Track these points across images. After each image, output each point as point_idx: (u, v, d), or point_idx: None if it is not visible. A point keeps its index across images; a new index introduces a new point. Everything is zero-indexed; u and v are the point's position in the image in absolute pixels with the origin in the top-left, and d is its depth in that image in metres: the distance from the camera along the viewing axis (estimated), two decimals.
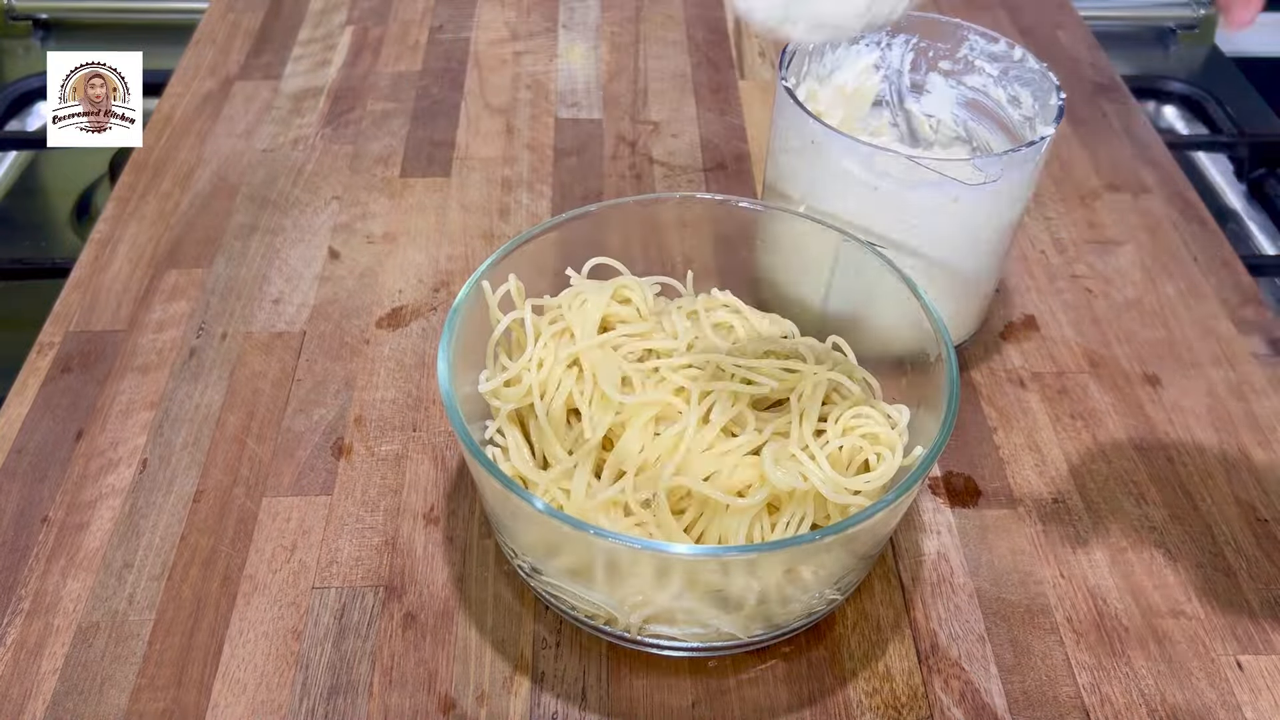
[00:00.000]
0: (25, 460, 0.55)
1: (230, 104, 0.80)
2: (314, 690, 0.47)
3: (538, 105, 0.81)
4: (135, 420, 0.57)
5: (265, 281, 0.66)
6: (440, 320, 0.64)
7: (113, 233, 0.69)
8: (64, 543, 0.52)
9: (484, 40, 0.88)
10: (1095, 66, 0.87)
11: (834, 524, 0.43)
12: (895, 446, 0.48)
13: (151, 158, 0.75)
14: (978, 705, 0.47)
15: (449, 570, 0.51)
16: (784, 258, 0.57)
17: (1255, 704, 0.47)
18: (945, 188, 0.52)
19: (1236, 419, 0.59)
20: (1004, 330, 0.64)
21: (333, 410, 0.58)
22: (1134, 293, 0.67)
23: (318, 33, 0.88)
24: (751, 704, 0.47)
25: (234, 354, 0.61)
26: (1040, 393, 0.60)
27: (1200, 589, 0.51)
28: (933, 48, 0.62)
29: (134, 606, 0.49)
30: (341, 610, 0.49)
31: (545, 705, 0.46)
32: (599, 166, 0.75)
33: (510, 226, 0.70)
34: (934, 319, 0.49)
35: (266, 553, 0.52)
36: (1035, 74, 0.58)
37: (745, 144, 0.78)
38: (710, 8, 0.93)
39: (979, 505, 0.55)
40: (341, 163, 0.75)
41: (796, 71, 0.59)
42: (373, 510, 0.54)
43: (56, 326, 0.62)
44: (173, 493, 0.54)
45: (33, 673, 0.47)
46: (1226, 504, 0.55)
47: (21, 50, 1.00)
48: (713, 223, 0.57)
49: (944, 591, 0.51)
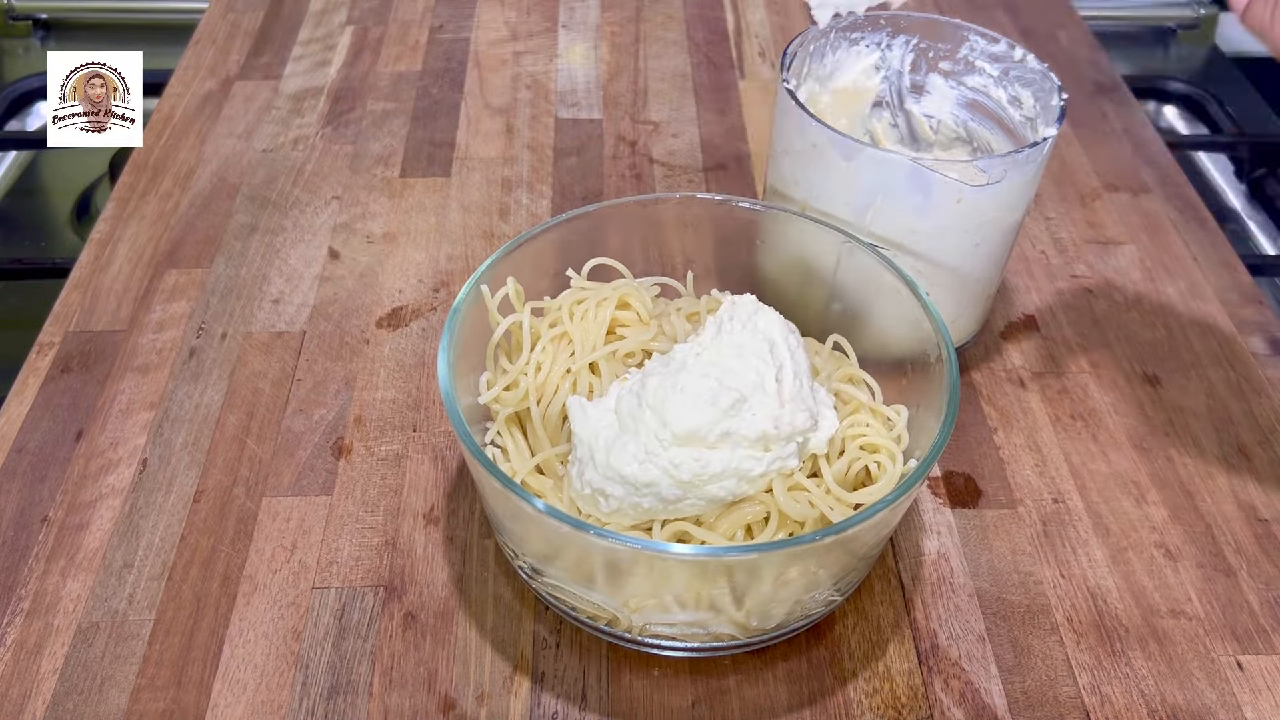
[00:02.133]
0: (25, 460, 0.55)
1: (230, 104, 0.80)
2: (314, 690, 0.47)
3: (538, 105, 0.81)
4: (135, 420, 0.57)
5: (265, 281, 0.66)
6: (440, 320, 0.64)
7: (113, 233, 0.69)
8: (64, 543, 0.52)
9: (484, 40, 0.88)
10: (1095, 66, 0.87)
11: (834, 524, 0.43)
12: (895, 455, 0.48)
13: (151, 158, 0.75)
14: (978, 705, 0.47)
15: (449, 570, 0.51)
16: (784, 258, 0.57)
17: (1255, 704, 0.47)
18: (947, 189, 0.52)
19: (1236, 419, 0.59)
20: (1004, 330, 0.64)
21: (333, 410, 0.58)
22: (1134, 293, 0.67)
23: (318, 33, 0.88)
24: (751, 704, 0.47)
25: (234, 354, 0.61)
26: (1040, 393, 0.60)
27: (1200, 589, 0.51)
28: (933, 48, 0.62)
29: (134, 606, 0.49)
30: (341, 610, 0.49)
31: (545, 705, 0.46)
32: (599, 166, 0.75)
33: (510, 226, 0.70)
34: (934, 319, 0.49)
35: (266, 553, 0.52)
36: (1036, 74, 0.58)
37: (745, 144, 0.78)
38: (710, 8, 0.93)
39: (979, 505, 0.55)
40: (341, 163, 0.75)
41: (798, 73, 0.59)
42: (373, 510, 0.54)
43: (56, 326, 0.62)
44: (173, 493, 0.54)
45: (33, 673, 0.47)
46: (1226, 504, 0.55)
47: (21, 50, 1.00)
48: (713, 223, 0.57)
49: (944, 591, 0.51)
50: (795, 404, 0.46)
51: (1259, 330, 0.64)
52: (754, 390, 0.45)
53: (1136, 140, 0.79)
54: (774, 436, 0.45)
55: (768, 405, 0.45)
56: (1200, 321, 0.65)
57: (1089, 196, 0.74)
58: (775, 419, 0.45)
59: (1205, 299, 0.66)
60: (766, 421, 0.45)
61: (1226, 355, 0.63)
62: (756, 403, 0.45)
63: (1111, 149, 0.78)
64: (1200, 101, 0.96)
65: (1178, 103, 0.98)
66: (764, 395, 0.45)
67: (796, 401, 0.46)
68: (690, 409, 0.44)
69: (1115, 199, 0.74)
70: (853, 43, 0.61)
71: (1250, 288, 0.67)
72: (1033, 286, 0.67)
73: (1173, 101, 0.98)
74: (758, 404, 0.45)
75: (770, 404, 0.45)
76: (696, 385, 0.45)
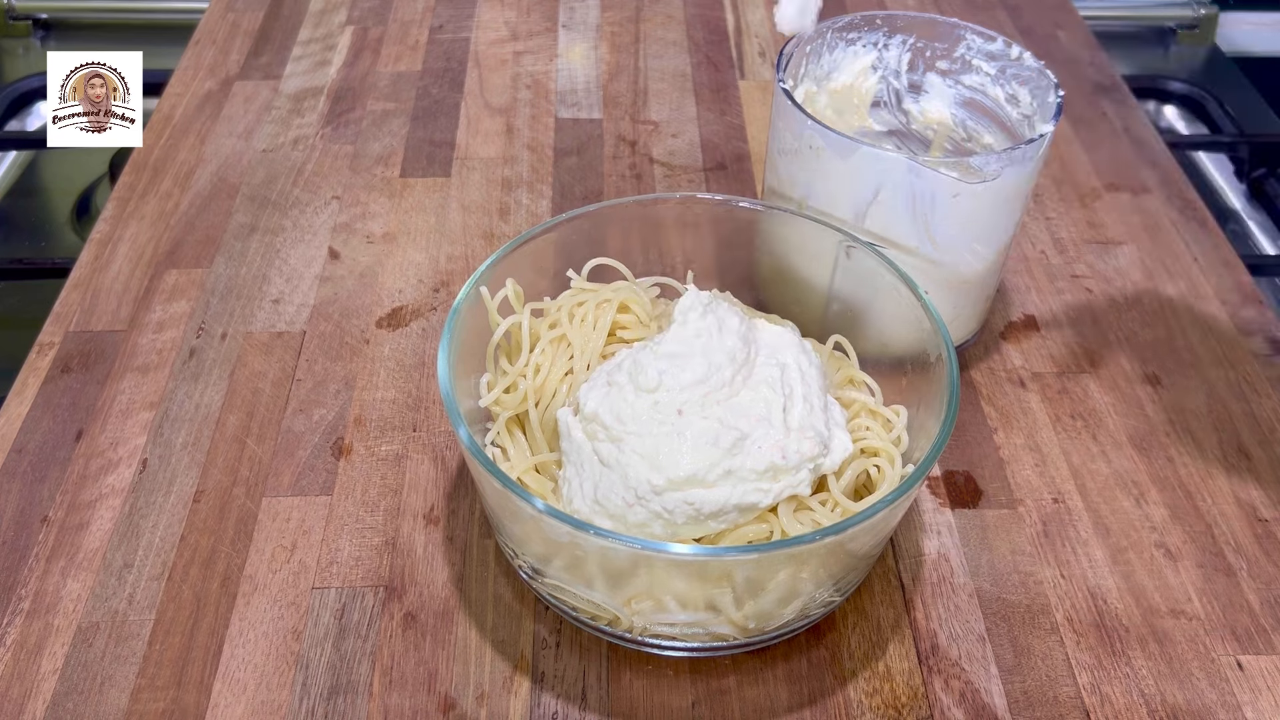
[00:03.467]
0: (25, 460, 0.55)
1: (230, 104, 0.80)
2: (314, 690, 0.47)
3: (538, 105, 0.81)
4: (135, 420, 0.57)
5: (265, 281, 0.66)
6: (440, 320, 0.64)
7: (113, 233, 0.69)
8: (64, 543, 0.52)
9: (484, 40, 0.88)
10: (1095, 66, 0.87)
11: (834, 524, 0.43)
12: (894, 459, 0.48)
13: (151, 158, 0.75)
14: (978, 705, 0.47)
15: (449, 570, 0.51)
16: (784, 258, 0.57)
17: (1255, 704, 0.47)
18: (945, 187, 0.52)
19: (1236, 419, 0.59)
20: (1004, 330, 0.64)
21: (333, 410, 0.58)
22: (1134, 293, 0.67)
23: (318, 33, 0.88)
24: (751, 704, 0.47)
25: (234, 354, 0.61)
26: (1040, 393, 0.60)
27: (1200, 589, 0.51)
28: (930, 47, 0.62)
29: (134, 606, 0.49)
30: (341, 610, 0.49)
31: (545, 705, 0.46)
32: (599, 166, 0.75)
33: (510, 226, 0.70)
34: (934, 319, 0.49)
35: (266, 553, 0.52)
36: (1033, 72, 0.58)
37: (745, 144, 0.78)
38: (710, 8, 0.93)
39: (979, 505, 0.55)
40: (341, 163, 0.75)
41: (794, 73, 0.59)
42: (373, 510, 0.54)
43: (56, 326, 0.62)
44: (173, 493, 0.54)
45: (33, 673, 0.47)
46: (1226, 504, 0.55)
47: (21, 50, 1.00)
48: (713, 223, 0.57)
49: (944, 591, 0.51)
50: (804, 431, 0.45)
51: (1259, 330, 0.64)
52: (759, 424, 0.44)
53: (1136, 140, 0.79)
54: (783, 467, 0.44)
55: (773, 436, 0.44)
56: (1200, 321, 0.65)
57: (1089, 196, 0.74)
58: (783, 449, 0.44)
59: (1205, 299, 0.66)
60: (773, 453, 0.44)
61: (1226, 355, 0.63)
62: (761, 435, 0.44)
63: (1111, 149, 0.78)
64: (1200, 101, 0.96)
65: (1178, 103, 0.98)
66: (769, 428, 0.44)
67: (805, 428, 0.45)
68: (688, 454, 0.43)
69: (1115, 199, 0.74)
70: (850, 43, 0.62)
71: (1250, 288, 0.67)
72: (1033, 286, 0.67)
73: (1173, 101, 0.98)
74: (762, 436, 0.44)
75: (776, 434, 0.44)
76: (695, 429, 0.44)
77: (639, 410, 0.45)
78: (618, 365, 0.47)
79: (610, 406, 0.45)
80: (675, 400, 0.45)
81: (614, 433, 0.45)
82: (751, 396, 0.46)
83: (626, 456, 0.44)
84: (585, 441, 0.46)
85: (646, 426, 0.45)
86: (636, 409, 0.45)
